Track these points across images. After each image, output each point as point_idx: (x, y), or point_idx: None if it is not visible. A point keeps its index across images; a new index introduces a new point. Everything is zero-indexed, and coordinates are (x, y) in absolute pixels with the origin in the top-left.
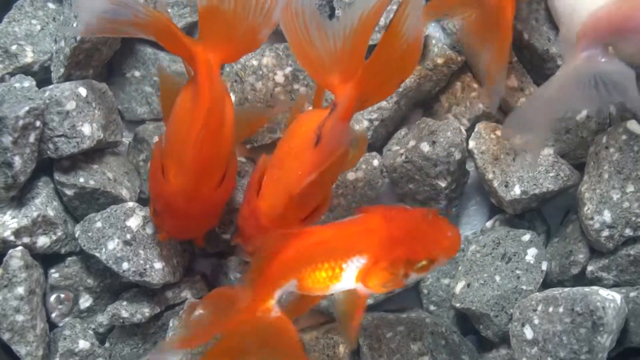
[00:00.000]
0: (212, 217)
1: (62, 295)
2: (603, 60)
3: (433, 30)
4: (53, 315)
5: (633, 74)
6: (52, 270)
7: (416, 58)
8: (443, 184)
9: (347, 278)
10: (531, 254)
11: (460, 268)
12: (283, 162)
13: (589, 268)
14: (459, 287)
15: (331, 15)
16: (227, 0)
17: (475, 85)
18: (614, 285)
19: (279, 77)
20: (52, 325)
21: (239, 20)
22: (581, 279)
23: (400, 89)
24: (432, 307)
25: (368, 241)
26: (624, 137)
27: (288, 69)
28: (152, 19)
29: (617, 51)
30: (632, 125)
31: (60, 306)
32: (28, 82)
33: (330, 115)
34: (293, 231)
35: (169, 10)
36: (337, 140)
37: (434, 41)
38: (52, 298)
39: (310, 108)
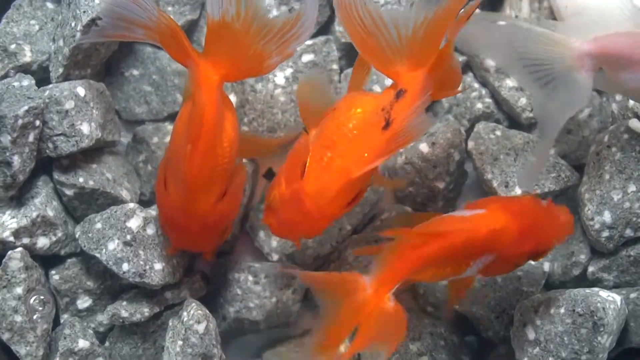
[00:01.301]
0: (214, 233)
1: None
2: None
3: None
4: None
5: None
6: (53, 272)
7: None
8: (441, 186)
9: (470, 272)
10: None
11: None
12: (336, 144)
13: (590, 269)
14: None
15: (332, 16)
16: (241, 20)
17: (477, 85)
18: (615, 286)
19: (279, 79)
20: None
21: (249, 42)
22: (583, 280)
23: None
24: (429, 309)
25: (498, 242)
26: (625, 136)
27: (288, 71)
28: (163, 23)
29: (610, 77)
30: (634, 123)
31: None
32: (27, 81)
33: (398, 99)
34: (425, 231)
35: (169, 8)
36: (414, 126)
37: None
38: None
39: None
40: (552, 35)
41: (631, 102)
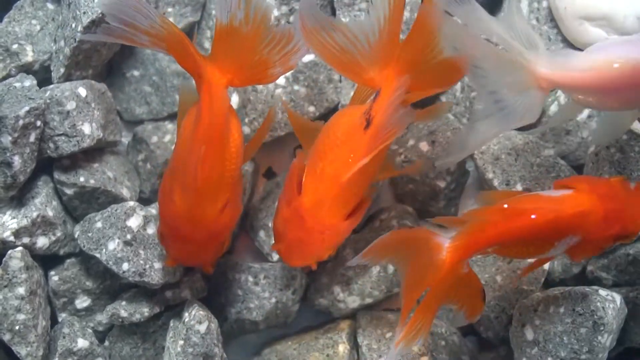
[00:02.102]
0: (217, 243)
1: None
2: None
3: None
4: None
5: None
6: (52, 273)
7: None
8: (442, 184)
9: (554, 252)
10: None
11: None
12: (326, 154)
13: (589, 268)
14: None
15: (332, 16)
16: (249, 25)
17: None
18: (614, 285)
19: (280, 79)
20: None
21: (254, 48)
22: (582, 279)
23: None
24: None
25: (584, 224)
26: (624, 137)
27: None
28: (166, 30)
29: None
30: (633, 125)
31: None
32: (29, 82)
33: (375, 99)
34: (511, 207)
35: (170, 9)
36: (393, 120)
37: None
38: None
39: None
40: (510, 54)
41: None
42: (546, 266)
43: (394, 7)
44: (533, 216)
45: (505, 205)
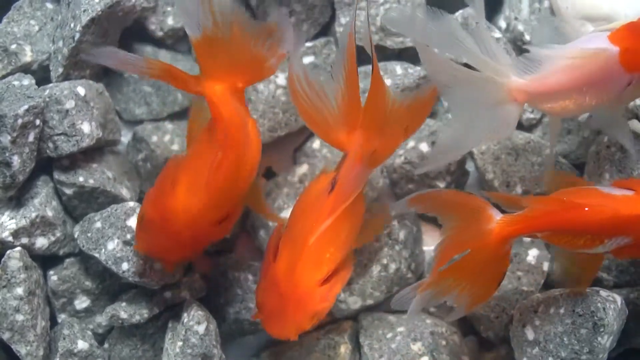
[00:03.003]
0: (195, 250)
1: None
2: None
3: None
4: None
5: None
6: (51, 273)
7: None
8: (442, 185)
9: (602, 249)
10: (532, 254)
11: None
12: (297, 220)
13: None
14: None
15: (332, 16)
16: (221, 30)
17: None
18: (614, 286)
19: (281, 80)
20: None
21: (239, 48)
22: None
23: (398, 89)
24: (431, 309)
25: (638, 228)
26: None
27: None
28: (156, 69)
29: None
30: (634, 124)
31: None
32: (27, 81)
33: (342, 163)
34: (573, 199)
35: (169, 8)
36: (351, 183)
37: None
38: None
39: None
40: (482, 72)
41: (631, 104)
42: (545, 267)
43: (349, 74)
44: (589, 211)
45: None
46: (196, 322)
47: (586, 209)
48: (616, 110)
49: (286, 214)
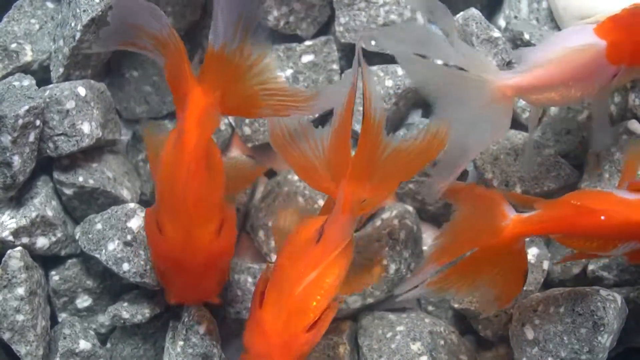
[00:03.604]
0: (217, 269)
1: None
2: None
3: (433, 30)
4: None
5: None
6: (53, 273)
7: (433, 152)
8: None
9: (615, 252)
10: (532, 253)
11: None
12: (284, 267)
13: (590, 267)
14: None
15: (332, 16)
16: (240, 56)
17: None
18: (615, 285)
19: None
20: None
21: (245, 80)
22: (582, 279)
23: (399, 90)
24: (430, 308)
25: None
26: (624, 136)
27: (289, 71)
28: (171, 41)
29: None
30: (633, 125)
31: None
32: (28, 81)
33: (327, 209)
34: (586, 205)
35: (169, 8)
36: (338, 233)
37: None
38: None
39: None
40: (469, 74)
41: (630, 103)
42: (545, 266)
43: (342, 122)
44: (603, 217)
45: (578, 203)
46: (197, 322)
47: (602, 217)
48: (600, 100)
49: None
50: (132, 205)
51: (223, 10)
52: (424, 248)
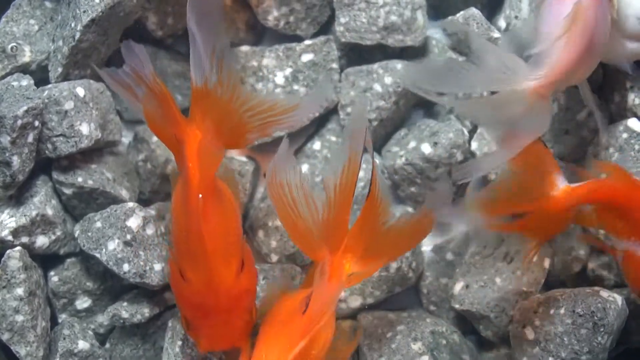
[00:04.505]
0: (243, 311)
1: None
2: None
3: (434, 31)
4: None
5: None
6: (52, 274)
7: (420, 236)
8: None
9: (624, 246)
10: None
11: (457, 270)
12: (269, 338)
13: (590, 266)
14: (457, 288)
15: (332, 16)
16: (222, 88)
17: None
18: (615, 286)
19: (279, 79)
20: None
21: (232, 111)
22: (583, 278)
23: (399, 88)
24: (432, 307)
25: None
26: (624, 135)
27: (288, 70)
28: (159, 88)
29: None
30: (632, 122)
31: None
32: (26, 81)
33: (313, 277)
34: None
35: (170, 8)
36: (325, 304)
37: (434, 42)
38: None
39: None
40: (501, 96)
41: (629, 103)
42: (546, 264)
43: (342, 189)
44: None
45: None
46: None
47: None
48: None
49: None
50: (131, 204)
51: (198, 47)
52: (425, 248)
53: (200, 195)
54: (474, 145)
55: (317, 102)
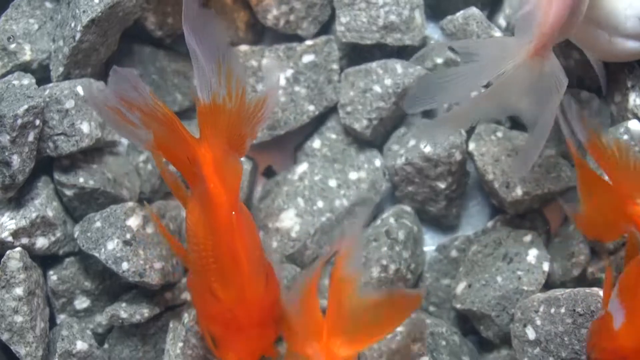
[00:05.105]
0: (273, 321)
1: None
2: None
3: (432, 30)
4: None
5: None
6: (51, 273)
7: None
8: (443, 185)
9: None
10: (532, 254)
11: (461, 269)
12: None
13: (589, 269)
14: (460, 287)
15: (332, 15)
16: (231, 102)
17: None
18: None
19: (280, 80)
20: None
21: (239, 124)
22: (583, 281)
23: (399, 89)
24: (431, 308)
25: None
26: (625, 136)
27: (289, 72)
28: (158, 110)
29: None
30: (633, 124)
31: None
32: (27, 80)
33: None
34: None
35: (169, 8)
36: None
37: (432, 41)
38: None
39: None
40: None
41: (630, 103)
42: (545, 267)
43: (306, 289)
44: None
45: None
46: (197, 322)
47: None
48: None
49: (286, 214)
50: (131, 203)
51: (201, 63)
52: (425, 249)
53: (234, 213)
54: (471, 146)
55: (274, 87)
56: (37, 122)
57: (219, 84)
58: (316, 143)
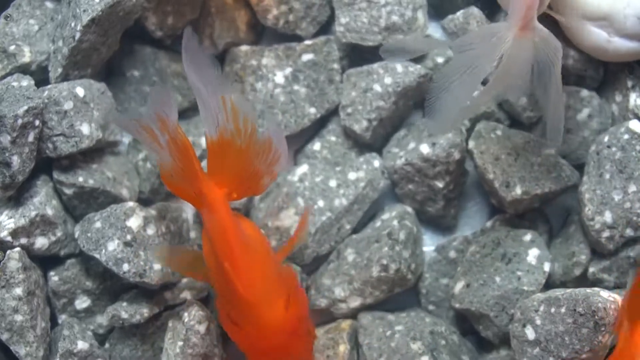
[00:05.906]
0: (303, 336)
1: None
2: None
3: (433, 29)
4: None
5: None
6: (52, 273)
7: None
8: (440, 184)
9: None
10: (533, 254)
11: (459, 269)
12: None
13: (591, 269)
14: (458, 287)
15: (332, 15)
16: (239, 137)
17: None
18: (615, 287)
19: (279, 78)
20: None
21: (248, 160)
22: (584, 281)
23: (399, 88)
24: (430, 307)
25: None
26: (626, 136)
27: (288, 70)
28: (179, 139)
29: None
30: (634, 124)
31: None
32: (26, 81)
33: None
34: None
35: (169, 8)
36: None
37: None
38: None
39: None
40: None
41: (631, 103)
42: (546, 268)
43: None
44: None
45: None
46: (197, 321)
47: None
48: None
49: (286, 213)
50: (131, 203)
51: (206, 100)
52: (424, 249)
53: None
54: (471, 144)
55: (278, 133)
56: (37, 122)
57: (226, 120)
58: (316, 145)
